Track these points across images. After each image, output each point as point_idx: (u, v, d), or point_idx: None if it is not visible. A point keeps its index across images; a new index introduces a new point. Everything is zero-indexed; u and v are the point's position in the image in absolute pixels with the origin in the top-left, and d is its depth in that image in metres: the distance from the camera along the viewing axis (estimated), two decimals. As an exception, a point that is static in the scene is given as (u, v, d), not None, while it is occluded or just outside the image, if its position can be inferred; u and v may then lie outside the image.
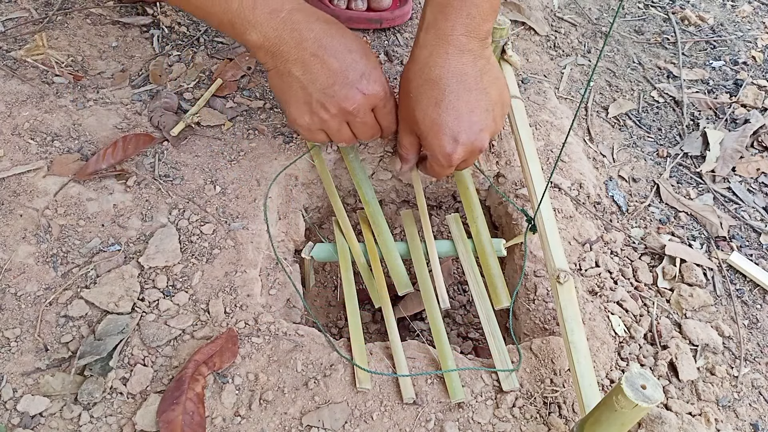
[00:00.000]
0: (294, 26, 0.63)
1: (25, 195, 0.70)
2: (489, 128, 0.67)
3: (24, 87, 0.81)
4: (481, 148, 0.67)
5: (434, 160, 0.69)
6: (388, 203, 0.90)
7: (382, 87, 0.67)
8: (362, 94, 0.65)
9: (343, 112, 0.66)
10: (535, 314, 0.69)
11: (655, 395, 0.44)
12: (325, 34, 0.64)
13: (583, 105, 0.94)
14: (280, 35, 0.63)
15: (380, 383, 0.59)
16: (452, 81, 0.65)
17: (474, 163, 0.79)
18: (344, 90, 0.64)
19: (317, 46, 0.64)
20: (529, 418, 0.58)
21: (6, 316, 0.61)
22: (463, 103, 0.65)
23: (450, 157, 0.66)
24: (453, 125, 0.65)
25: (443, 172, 0.71)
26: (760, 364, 0.67)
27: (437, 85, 0.65)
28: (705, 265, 0.74)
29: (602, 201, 0.80)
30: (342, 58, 0.64)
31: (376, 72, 0.66)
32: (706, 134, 0.90)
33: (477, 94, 0.66)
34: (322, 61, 0.64)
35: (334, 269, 0.89)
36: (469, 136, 0.66)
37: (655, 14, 1.14)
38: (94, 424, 0.55)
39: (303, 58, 0.64)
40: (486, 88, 0.67)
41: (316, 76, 0.64)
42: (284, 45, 0.63)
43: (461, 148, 0.66)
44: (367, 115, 0.68)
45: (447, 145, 0.66)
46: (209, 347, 0.59)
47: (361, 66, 0.65)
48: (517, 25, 1.05)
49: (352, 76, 0.64)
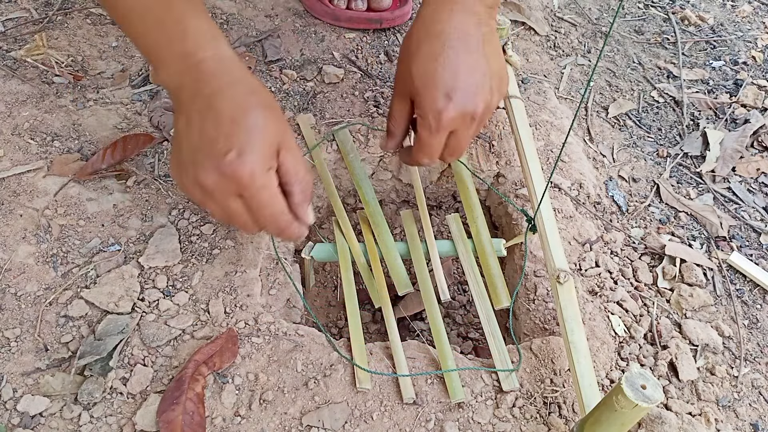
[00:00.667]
0: (198, 76, 0.55)
1: (25, 195, 0.70)
2: (485, 96, 0.64)
3: (24, 87, 0.81)
4: (473, 114, 0.64)
5: (423, 122, 0.64)
6: (388, 203, 0.90)
7: (248, 173, 0.53)
8: (219, 173, 0.53)
9: (200, 186, 0.55)
10: (535, 314, 0.69)
11: (655, 395, 0.44)
12: (222, 93, 0.55)
13: (583, 105, 0.94)
14: (182, 81, 0.56)
15: (380, 383, 0.59)
16: (454, 38, 0.63)
17: (464, 160, 0.79)
18: (205, 161, 0.54)
19: (206, 104, 0.55)
20: (529, 418, 0.58)
21: (6, 316, 0.61)
22: (462, 61, 0.63)
23: (440, 115, 0.62)
24: (449, 81, 0.63)
25: (430, 140, 0.64)
26: (760, 364, 0.67)
27: (438, 39, 0.63)
28: (705, 265, 0.74)
29: (602, 201, 0.80)
30: (220, 124, 0.54)
31: (253, 156, 0.53)
32: (706, 134, 0.90)
33: (478, 57, 0.64)
34: (202, 122, 0.55)
35: (334, 269, 0.89)
36: (464, 97, 0.63)
37: (655, 14, 1.14)
38: (94, 424, 0.55)
39: (190, 112, 0.56)
40: (487, 54, 0.65)
41: (191, 136, 0.55)
42: (183, 92, 0.56)
43: (453, 108, 0.62)
44: (229, 200, 0.55)
45: (439, 100, 0.62)
46: (209, 347, 0.59)
47: (236, 141, 0.53)
48: (517, 25, 1.05)
49: (218, 148, 0.53)
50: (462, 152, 0.68)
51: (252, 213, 0.56)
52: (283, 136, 0.57)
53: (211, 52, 0.56)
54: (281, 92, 0.87)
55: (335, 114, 0.84)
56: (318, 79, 0.89)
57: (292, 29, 0.96)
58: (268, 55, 0.91)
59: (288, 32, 0.95)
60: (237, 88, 0.56)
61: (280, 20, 0.97)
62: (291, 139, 0.58)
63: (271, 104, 0.57)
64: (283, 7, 0.99)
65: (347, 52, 0.94)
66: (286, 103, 0.85)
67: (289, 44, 0.94)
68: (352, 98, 0.86)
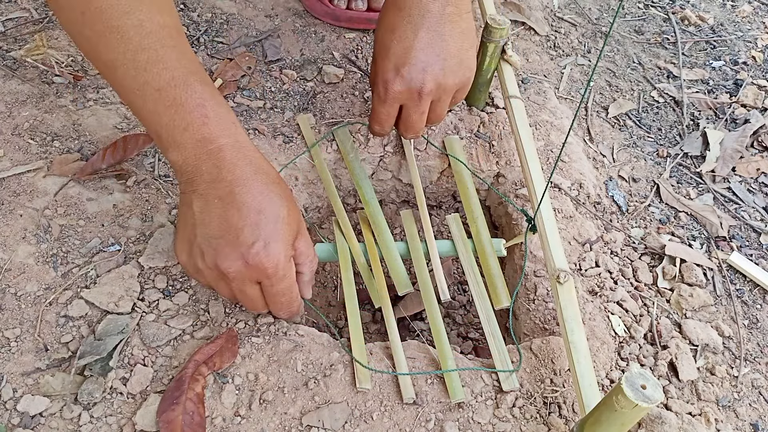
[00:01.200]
0: (217, 163, 0.55)
1: (25, 195, 0.70)
2: (434, 74, 0.67)
3: (24, 87, 0.81)
4: (419, 90, 0.67)
5: (375, 89, 0.69)
6: (388, 203, 0.90)
7: (273, 264, 0.55)
8: (244, 262, 0.54)
9: (218, 271, 0.55)
10: (535, 314, 0.69)
11: (655, 395, 0.44)
12: (245, 183, 0.55)
13: (583, 105, 0.94)
14: (199, 166, 0.55)
15: (380, 383, 0.59)
16: (415, 14, 0.66)
17: (464, 160, 0.79)
18: (227, 249, 0.54)
19: (227, 192, 0.54)
20: (529, 418, 0.58)
21: (6, 316, 0.61)
22: (416, 38, 0.66)
23: (387, 85, 0.67)
24: (400, 54, 0.66)
25: (379, 108, 0.69)
26: (760, 364, 0.67)
27: (399, 13, 0.66)
28: (705, 265, 0.74)
29: (602, 201, 0.80)
30: (245, 214, 0.54)
31: (278, 246, 0.55)
32: (706, 134, 0.90)
33: (433, 36, 0.66)
34: (223, 209, 0.54)
35: (334, 269, 0.89)
36: (411, 72, 0.66)
37: (655, 14, 1.14)
38: (94, 424, 0.56)
39: (208, 197, 0.55)
40: (445, 34, 0.67)
41: (209, 221, 0.55)
42: (199, 177, 0.55)
43: (399, 81, 0.66)
44: (246, 286, 0.56)
45: (388, 72, 0.66)
46: (209, 347, 0.59)
47: (262, 232, 0.54)
48: (517, 25, 1.05)
49: (244, 238, 0.54)
50: (416, 129, 0.73)
51: (268, 298, 0.58)
52: (299, 224, 0.59)
53: (232, 139, 0.55)
54: (281, 92, 0.87)
55: (335, 114, 0.84)
56: (318, 79, 0.89)
57: (292, 29, 0.96)
58: (268, 55, 0.91)
59: (288, 32, 0.95)
60: (260, 179, 0.56)
61: (280, 20, 0.97)
62: (303, 225, 0.60)
63: (288, 195, 0.58)
64: (283, 7, 0.99)
65: (347, 52, 0.94)
66: (286, 103, 0.85)
67: (289, 44, 0.94)
68: (352, 98, 0.86)
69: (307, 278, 0.62)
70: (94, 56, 0.55)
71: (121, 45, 0.52)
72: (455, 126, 0.83)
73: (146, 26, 0.53)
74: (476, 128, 0.84)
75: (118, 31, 0.52)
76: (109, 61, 0.53)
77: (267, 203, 0.55)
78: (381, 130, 0.74)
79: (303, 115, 0.83)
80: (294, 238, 0.57)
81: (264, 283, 0.56)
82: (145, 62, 0.52)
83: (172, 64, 0.53)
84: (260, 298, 0.58)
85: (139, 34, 0.52)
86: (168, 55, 0.53)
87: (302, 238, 0.59)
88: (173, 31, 0.55)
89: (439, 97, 0.69)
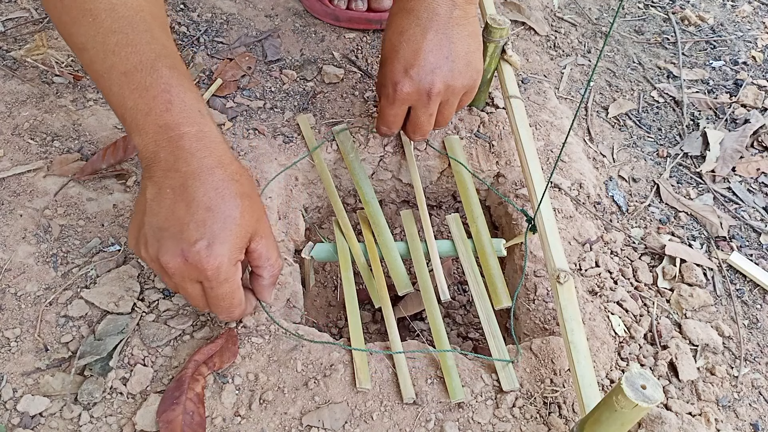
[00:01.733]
0: (175, 151, 0.52)
1: (25, 195, 0.70)
2: (443, 75, 0.67)
3: (24, 87, 0.81)
4: (428, 91, 0.67)
5: (383, 90, 0.69)
6: (388, 203, 0.90)
7: (214, 266, 0.52)
8: (183, 260, 0.51)
9: (158, 264, 0.53)
10: (535, 314, 0.69)
11: (655, 395, 0.44)
12: (200, 176, 0.52)
13: (583, 105, 0.94)
14: (158, 153, 0.53)
15: (380, 383, 0.59)
16: (423, 16, 0.66)
17: (464, 160, 0.79)
18: (169, 242, 0.52)
19: (180, 183, 0.52)
20: (529, 418, 0.58)
21: (6, 316, 0.61)
22: (425, 40, 0.66)
23: (396, 87, 0.67)
24: (408, 56, 0.66)
25: (387, 110, 0.69)
26: (760, 364, 0.67)
27: (407, 16, 0.67)
28: (705, 265, 0.74)
29: (602, 201, 0.80)
30: (193, 210, 0.51)
31: (222, 248, 0.52)
32: (706, 134, 0.90)
33: (442, 38, 0.66)
34: (173, 201, 0.52)
35: (334, 269, 0.89)
36: (420, 73, 0.66)
37: (655, 14, 1.14)
38: (94, 424, 0.56)
39: (162, 185, 0.52)
40: (453, 37, 0.67)
41: (158, 210, 0.52)
42: (156, 164, 0.53)
43: (408, 82, 0.66)
44: (186, 283, 0.54)
45: (397, 73, 0.67)
46: (209, 347, 0.59)
47: (207, 231, 0.51)
48: (517, 25, 1.05)
49: (188, 234, 0.51)
50: (424, 131, 0.73)
51: (208, 299, 0.55)
52: (258, 224, 0.55)
53: (195, 128, 0.53)
54: (281, 92, 0.87)
55: (335, 114, 0.84)
56: (318, 79, 0.89)
57: (292, 29, 0.96)
58: (268, 55, 0.91)
59: (288, 32, 0.95)
60: (216, 173, 0.53)
61: (280, 20, 0.97)
62: (265, 226, 0.57)
63: (249, 192, 0.55)
64: (283, 7, 0.99)
65: (347, 52, 0.94)
66: (286, 103, 0.85)
67: (289, 44, 0.94)
68: (352, 98, 0.86)
69: (266, 282, 0.59)
70: (69, 40, 0.55)
71: (92, 28, 0.52)
72: (455, 126, 0.83)
73: (119, 10, 0.53)
74: (476, 128, 0.84)
75: (91, 14, 0.52)
76: (81, 44, 0.53)
77: (218, 200, 0.52)
78: (388, 132, 0.73)
79: (303, 115, 0.83)
80: (248, 239, 0.55)
81: (204, 284, 0.54)
82: (114, 45, 0.52)
83: (141, 48, 0.52)
84: (200, 297, 0.55)
85: (111, 17, 0.52)
86: (138, 38, 0.53)
87: (261, 240, 0.56)
88: (147, 15, 0.54)
89: (447, 99, 0.70)
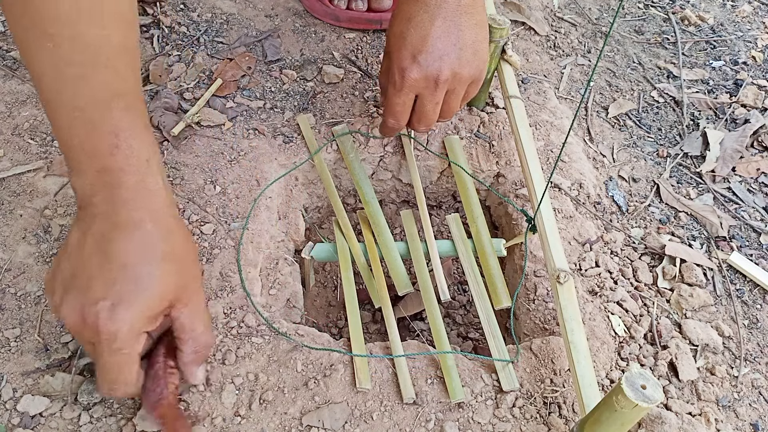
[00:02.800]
0: (109, 198, 0.49)
1: (25, 195, 0.70)
2: (451, 63, 0.67)
3: (24, 87, 0.81)
4: (436, 78, 0.66)
5: (390, 78, 0.69)
6: (388, 203, 0.90)
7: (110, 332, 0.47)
8: (81, 317, 0.47)
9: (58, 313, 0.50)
10: (535, 314, 0.69)
11: (655, 395, 0.44)
12: (124, 229, 0.48)
13: (583, 105, 0.94)
14: (92, 197, 0.49)
15: (380, 383, 0.59)
16: (431, 3, 0.66)
17: (464, 161, 0.79)
18: (72, 295, 0.48)
19: (102, 234, 0.48)
20: (529, 418, 0.58)
21: (6, 316, 0.61)
22: (433, 27, 0.66)
23: (404, 73, 0.66)
24: (416, 42, 0.66)
25: (395, 98, 0.68)
26: (760, 364, 0.67)
27: (416, 3, 0.67)
28: (705, 265, 0.74)
29: (602, 201, 0.80)
30: (107, 265, 0.48)
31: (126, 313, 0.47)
32: (706, 134, 0.90)
33: (450, 25, 0.66)
34: (91, 251, 0.48)
35: (334, 269, 0.89)
36: (428, 59, 0.66)
37: (655, 14, 1.14)
38: (94, 424, 0.55)
39: (87, 232, 0.49)
40: (461, 25, 0.67)
41: (75, 257, 0.49)
42: (88, 208, 0.50)
43: (416, 69, 0.66)
44: (83, 341, 0.50)
45: (405, 59, 0.66)
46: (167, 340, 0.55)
47: (115, 291, 0.47)
48: (517, 25, 1.05)
49: (92, 291, 0.47)
50: (430, 121, 0.71)
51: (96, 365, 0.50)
52: (182, 291, 0.51)
53: (136, 177, 0.49)
54: (281, 92, 0.87)
55: (335, 114, 0.84)
56: (318, 79, 0.89)
57: (292, 29, 0.96)
58: (268, 55, 0.91)
59: (288, 32, 0.95)
60: (144, 229, 0.49)
61: (280, 20, 0.97)
62: (192, 293, 0.52)
63: (179, 254, 0.51)
64: (283, 7, 0.99)
65: (347, 52, 0.94)
66: (286, 103, 0.85)
67: (289, 44, 0.94)
68: (352, 98, 0.86)
69: (188, 359, 0.53)
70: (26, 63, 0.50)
71: (52, 55, 0.47)
72: (455, 126, 0.83)
73: (84, 39, 0.48)
74: (476, 128, 0.84)
75: (52, 39, 0.47)
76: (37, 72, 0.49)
77: (138, 260, 0.48)
78: (396, 124, 0.71)
79: (303, 115, 0.83)
80: (164, 307, 0.50)
81: (96, 348, 0.49)
82: (71, 78, 0.48)
83: (98, 85, 0.49)
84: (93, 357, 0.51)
85: (72, 47, 0.47)
86: (97, 74, 0.48)
87: (184, 309, 0.51)
88: (114, 47, 0.49)
89: (454, 88, 0.69)
